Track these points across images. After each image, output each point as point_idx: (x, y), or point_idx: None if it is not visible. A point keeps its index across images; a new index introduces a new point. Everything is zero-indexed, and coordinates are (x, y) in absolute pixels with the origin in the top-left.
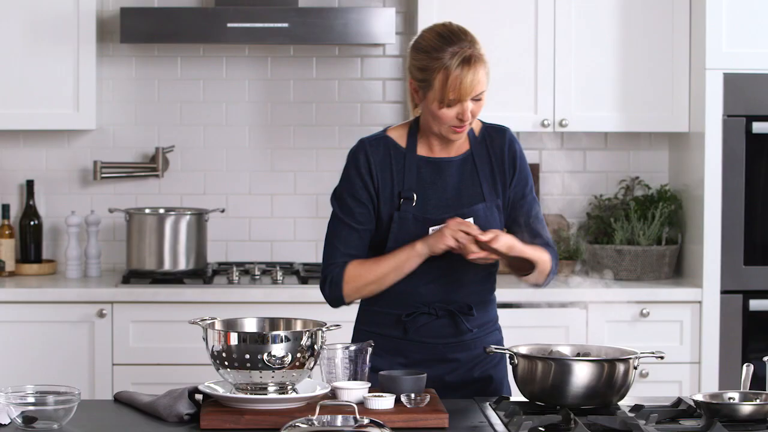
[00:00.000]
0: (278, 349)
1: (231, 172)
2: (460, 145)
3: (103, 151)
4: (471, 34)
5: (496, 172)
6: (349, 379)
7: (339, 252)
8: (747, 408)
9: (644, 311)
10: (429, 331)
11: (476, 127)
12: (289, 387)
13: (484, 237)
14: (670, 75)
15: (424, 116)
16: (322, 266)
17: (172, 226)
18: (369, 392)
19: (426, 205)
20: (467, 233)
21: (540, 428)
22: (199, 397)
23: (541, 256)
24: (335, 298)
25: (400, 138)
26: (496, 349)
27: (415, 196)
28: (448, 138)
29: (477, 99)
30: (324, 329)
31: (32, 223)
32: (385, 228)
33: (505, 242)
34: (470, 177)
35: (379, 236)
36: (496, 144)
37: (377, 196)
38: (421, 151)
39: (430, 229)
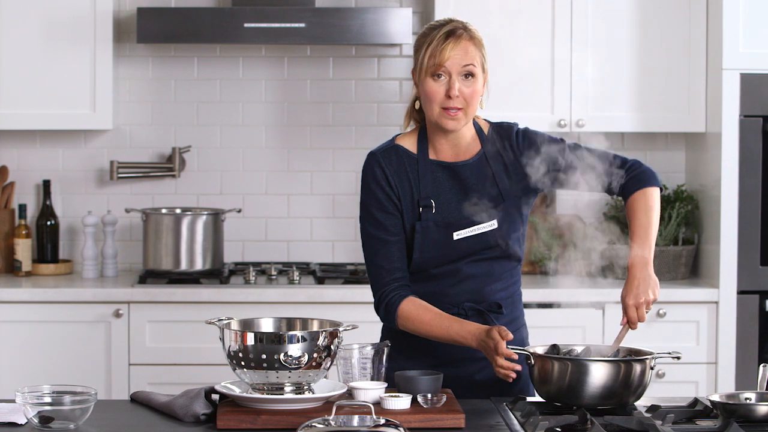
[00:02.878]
0: (295, 349)
1: (247, 172)
2: (472, 147)
3: (119, 151)
4: (469, 24)
5: (512, 168)
6: (371, 379)
7: (384, 270)
8: (763, 408)
9: (661, 311)
10: None
11: (485, 127)
12: (306, 387)
13: (636, 321)
14: (687, 75)
15: (422, 103)
16: (372, 287)
17: (189, 226)
18: (386, 392)
19: (446, 210)
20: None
21: (556, 428)
22: (215, 397)
23: (649, 219)
24: (389, 324)
25: (410, 145)
26: (513, 349)
27: (433, 203)
28: (443, 126)
29: (467, 76)
30: (341, 329)
31: (49, 223)
32: (409, 238)
33: (644, 294)
34: (486, 178)
35: (405, 245)
36: (505, 140)
37: (400, 204)
38: (433, 155)
39: (454, 234)
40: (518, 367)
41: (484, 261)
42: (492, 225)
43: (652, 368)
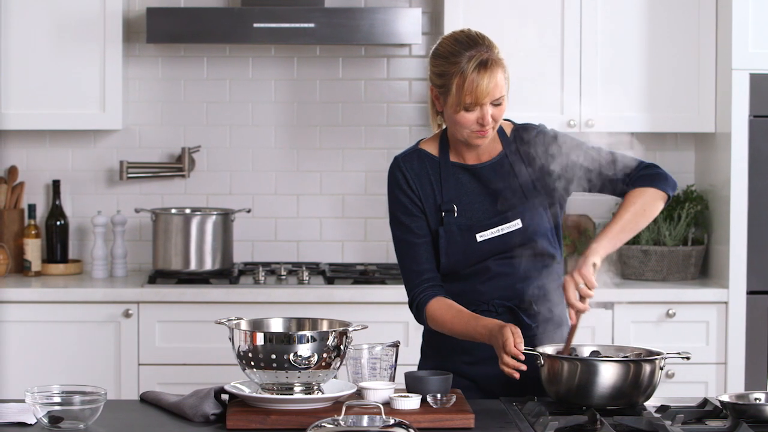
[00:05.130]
0: (304, 350)
1: (257, 172)
2: (493, 148)
3: (129, 151)
4: (489, 39)
5: (535, 167)
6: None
7: (413, 272)
8: None
9: (670, 312)
10: None
11: (507, 128)
12: (315, 387)
13: (578, 316)
14: (696, 75)
15: (448, 123)
16: (405, 288)
17: (198, 226)
18: (395, 392)
19: (469, 212)
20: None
21: (566, 428)
22: (225, 397)
23: (632, 218)
24: (422, 324)
25: (432, 149)
26: (524, 349)
27: (455, 207)
28: (472, 143)
29: (497, 104)
30: (350, 330)
31: (58, 223)
32: (435, 241)
33: (586, 286)
34: (508, 178)
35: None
36: (527, 141)
37: (423, 206)
38: (455, 158)
39: (477, 236)
40: (523, 367)
41: (513, 259)
42: (516, 224)
43: (661, 368)
